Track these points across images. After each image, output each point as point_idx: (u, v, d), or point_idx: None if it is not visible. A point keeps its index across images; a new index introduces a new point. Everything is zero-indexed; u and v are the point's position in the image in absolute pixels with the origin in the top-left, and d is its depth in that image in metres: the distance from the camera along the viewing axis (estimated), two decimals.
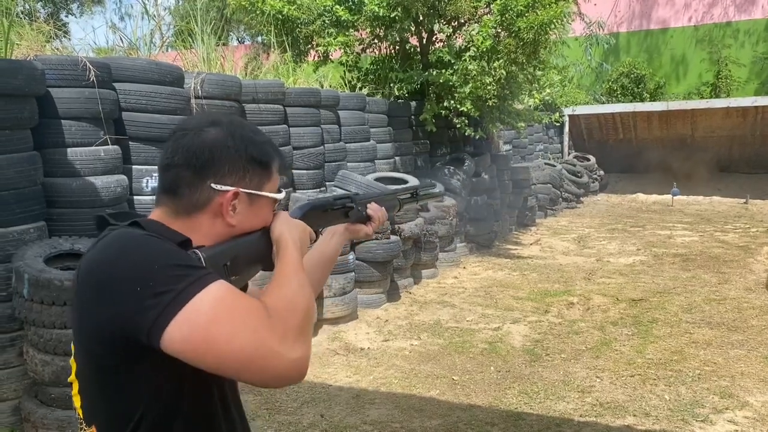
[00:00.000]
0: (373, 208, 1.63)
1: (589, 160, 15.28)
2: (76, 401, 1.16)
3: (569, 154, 15.56)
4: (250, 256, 1.22)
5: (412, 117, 8.43)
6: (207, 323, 0.98)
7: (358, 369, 4.71)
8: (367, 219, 1.63)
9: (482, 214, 8.87)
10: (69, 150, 4.13)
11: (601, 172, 15.63)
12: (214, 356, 0.99)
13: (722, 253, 8.53)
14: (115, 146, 4.39)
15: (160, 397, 1.08)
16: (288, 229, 1.25)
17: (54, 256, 3.71)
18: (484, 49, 7.20)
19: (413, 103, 8.39)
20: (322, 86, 7.32)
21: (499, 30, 7.19)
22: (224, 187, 1.16)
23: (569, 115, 15.41)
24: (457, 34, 8.16)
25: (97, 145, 4.24)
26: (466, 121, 8.18)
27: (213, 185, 1.15)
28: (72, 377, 1.17)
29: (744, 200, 13.50)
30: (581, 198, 14.12)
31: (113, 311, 1.01)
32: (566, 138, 15.68)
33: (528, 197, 11.06)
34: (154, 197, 4.56)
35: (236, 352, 0.98)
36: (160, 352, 0.99)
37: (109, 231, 1.12)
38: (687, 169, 14.69)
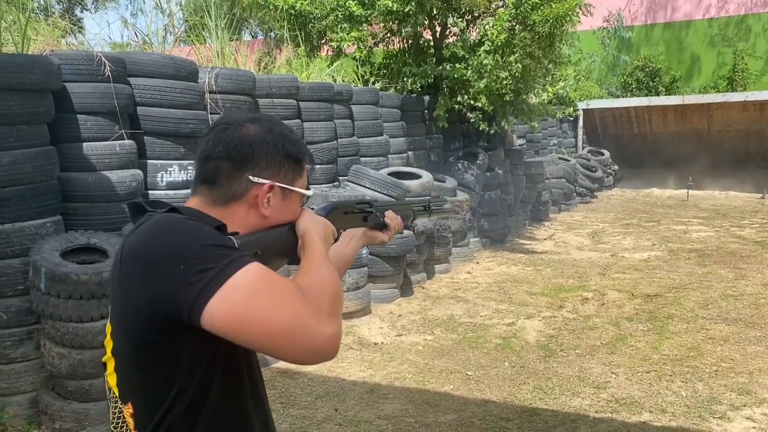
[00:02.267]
0: (390, 216, 1.67)
1: (603, 154, 15.16)
2: (111, 380, 1.19)
3: (583, 148, 15.46)
4: (278, 248, 1.27)
5: (426, 111, 8.40)
6: (246, 299, 1.02)
7: (372, 363, 4.71)
8: (384, 226, 1.66)
9: (496, 209, 8.83)
10: (85, 144, 4.16)
11: (616, 167, 15.51)
12: (252, 331, 1.02)
13: (739, 248, 8.44)
14: (131, 141, 4.41)
15: (195, 375, 1.11)
16: (313, 225, 1.30)
17: (70, 250, 3.74)
18: (499, 43, 7.15)
19: (426, 98, 8.36)
20: (335, 81, 7.30)
21: (514, 23, 7.13)
22: (261, 180, 1.22)
23: (583, 110, 15.30)
24: (471, 28, 8.11)
25: (112, 140, 4.26)
26: (480, 116, 8.14)
27: (251, 177, 1.21)
28: (108, 356, 1.19)
29: (761, 195, 13.36)
30: (595, 193, 14.02)
31: (157, 289, 1.04)
32: (580, 132, 15.57)
33: (542, 192, 11.00)
34: (168, 192, 4.59)
35: (274, 327, 1.02)
36: (200, 329, 1.03)
37: (149, 216, 1.16)
38: (703, 164, 14.54)
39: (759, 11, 16.56)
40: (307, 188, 1.33)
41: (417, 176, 6.86)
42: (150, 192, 4.68)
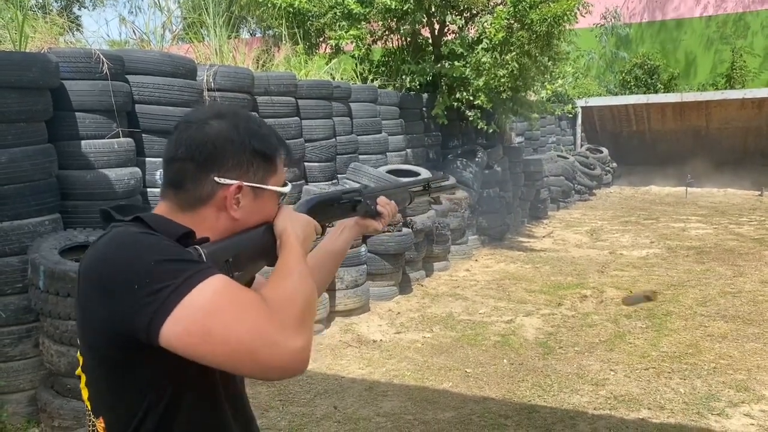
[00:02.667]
0: (382, 203, 1.59)
1: (601, 152, 15.16)
2: (84, 393, 1.16)
3: (582, 146, 15.45)
4: (253, 252, 1.20)
5: (424, 109, 8.39)
6: (204, 317, 0.97)
7: (371, 361, 4.71)
8: (376, 213, 1.58)
9: (494, 207, 8.83)
10: (83, 142, 4.15)
11: (614, 164, 15.52)
12: (212, 351, 0.98)
13: (737, 245, 8.45)
14: (129, 139, 4.40)
15: (165, 390, 1.08)
16: (291, 224, 1.23)
17: (69, 248, 3.73)
18: (497, 42, 7.14)
19: (425, 96, 8.36)
20: (333, 78, 7.30)
21: (512, 22, 7.12)
22: (228, 181, 1.15)
23: (582, 107, 15.29)
24: (469, 26, 8.11)
25: (110, 138, 4.26)
26: (479, 114, 8.13)
27: (216, 179, 1.14)
28: (79, 371, 1.16)
29: (759, 192, 13.37)
30: (594, 190, 14.03)
31: (112, 309, 1.01)
32: (579, 130, 15.56)
33: (540, 190, 11.00)
34: None
35: (234, 345, 0.98)
36: (160, 348, 0.99)
37: (112, 228, 1.11)
38: (701, 161, 14.55)
39: (757, 8, 16.56)
40: (284, 184, 1.26)
41: (416, 174, 6.86)
42: (149, 190, 4.68)
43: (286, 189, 1.26)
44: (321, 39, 8.37)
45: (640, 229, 9.96)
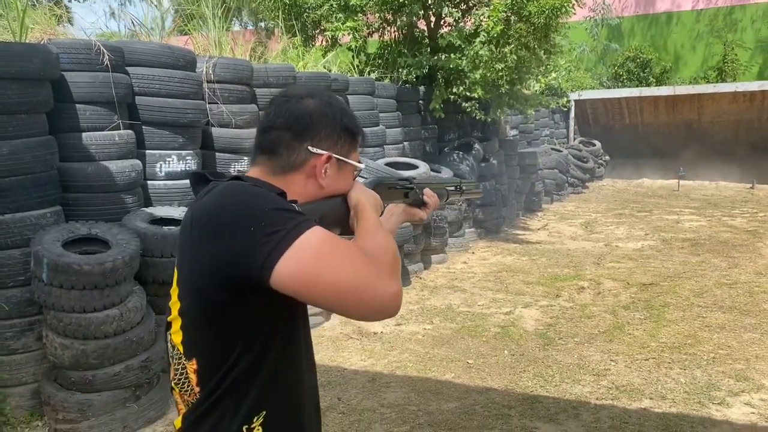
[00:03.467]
0: (428, 194, 1.68)
1: (594, 145, 15.21)
2: (176, 338, 1.23)
3: (575, 139, 15.50)
4: (333, 218, 1.32)
5: (421, 102, 8.39)
6: (314, 259, 1.07)
7: (373, 353, 4.72)
8: (422, 203, 1.67)
9: (490, 200, 8.85)
10: (84, 134, 4.13)
11: (607, 157, 15.58)
12: (321, 290, 1.08)
13: (731, 237, 8.53)
14: (129, 131, 4.38)
15: (258, 337, 1.17)
16: (365, 196, 1.36)
17: (71, 240, 3.71)
18: (495, 34, 7.14)
19: (422, 88, 8.35)
20: (330, 71, 7.28)
21: (509, 14, 7.12)
22: (319, 151, 1.27)
23: (575, 100, 15.34)
24: (466, 18, 8.10)
25: (110, 130, 4.23)
26: (477, 105, 8.14)
27: (310, 148, 1.27)
28: (173, 316, 1.23)
29: (750, 185, 13.47)
30: (587, 183, 14.09)
31: (230, 249, 1.09)
32: (572, 123, 15.61)
33: (535, 182, 11.04)
34: (167, 182, 4.57)
35: (341, 286, 1.08)
36: (267, 292, 1.08)
37: (215, 184, 1.20)
38: (693, 154, 14.64)
39: (747, 2, 16.65)
40: (359, 161, 1.37)
41: (414, 166, 6.86)
42: (149, 182, 4.65)
43: (362, 165, 1.39)
44: (317, 31, 8.33)
45: (634, 221, 10.02)
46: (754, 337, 4.81)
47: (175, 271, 1.24)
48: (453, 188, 1.89)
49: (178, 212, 4.46)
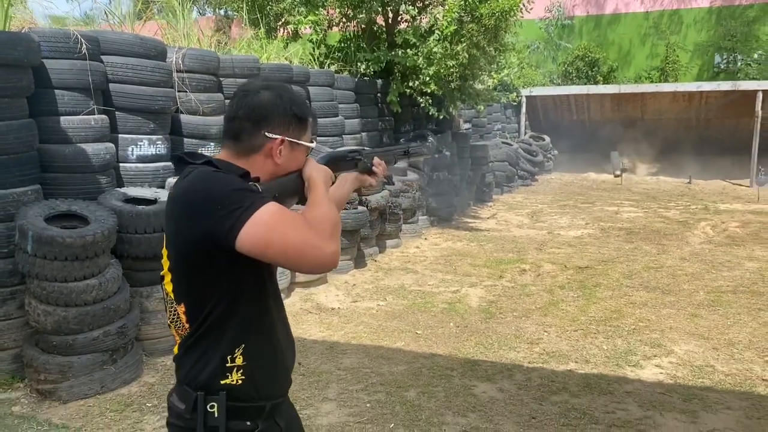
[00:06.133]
0: (376, 162, 1.99)
1: (544, 139, 15.89)
2: (168, 287, 1.57)
3: (525, 133, 16.15)
4: (289, 191, 1.64)
5: (378, 94, 8.80)
6: (268, 227, 1.40)
7: (330, 325, 5.13)
8: (371, 171, 1.98)
9: (443, 189, 9.34)
10: (62, 118, 4.41)
11: (555, 152, 16.28)
12: (274, 250, 1.41)
13: (663, 227, 9.21)
14: (104, 116, 4.67)
15: (233, 284, 1.50)
16: (316, 171, 1.66)
17: (52, 216, 4.01)
18: (448, 33, 7.60)
19: (379, 81, 8.76)
20: (291, 63, 7.62)
21: (462, 15, 7.59)
22: (274, 135, 1.56)
23: (526, 96, 15.97)
24: (422, 15, 8.53)
25: (86, 114, 4.52)
26: (430, 101, 8.60)
27: (266, 134, 1.56)
28: (165, 271, 1.57)
29: (688, 180, 14.32)
30: (536, 176, 14.75)
31: (201, 223, 1.42)
32: (523, 118, 16.25)
33: (486, 174, 11.58)
34: (138, 165, 4.89)
35: (290, 247, 1.42)
36: (233, 252, 1.41)
37: (192, 169, 1.52)
38: (636, 150, 15.45)
39: (690, 6, 17.56)
40: (311, 141, 1.66)
41: None
42: (121, 165, 4.95)
43: (313, 145, 1.68)
44: (279, 23, 8.64)
45: (576, 212, 10.66)
46: (671, 312, 5.39)
47: (164, 235, 1.59)
48: (402, 153, 2.20)
49: (149, 193, 4.78)
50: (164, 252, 1.57)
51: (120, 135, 4.93)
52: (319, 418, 3.60)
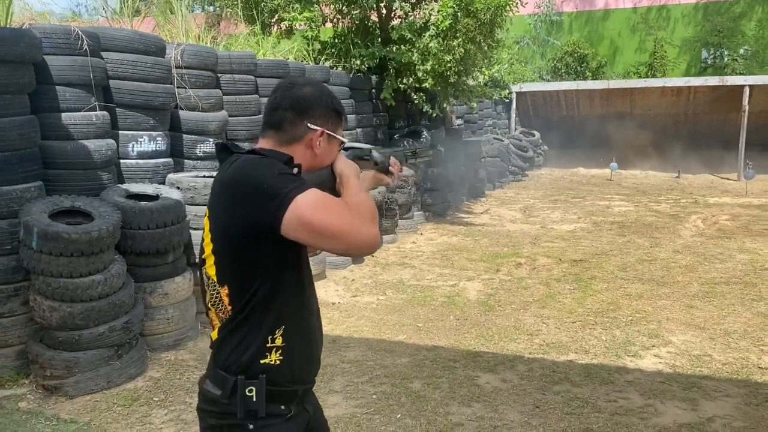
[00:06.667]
0: (393, 162, 2.04)
1: (534, 135, 15.98)
2: (210, 270, 1.60)
3: (516, 129, 16.24)
4: (323, 184, 1.69)
5: (373, 91, 8.84)
6: (312, 210, 1.45)
7: (332, 320, 5.17)
8: (388, 171, 2.02)
9: (438, 185, 9.40)
10: (63, 115, 4.41)
11: (545, 147, 16.38)
12: (318, 233, 1.47)
13: (655, 221, 9.32)
14: (104, 112, 4.67)
15: (275, 267, 1.55)
16: (347, 167, 1.73)
17: (56, 212, 4.01)
18: (444, 29, 7.64)
19: (374, 78, 8.79)
20: (287, 59, 7.63)
21: (457, 10, 7.63)
22: (315, 127, 1.64)
23: (517, 93, 16.06)
24: (415, 11, 8.57)
25: (87, 111, 4.52)
26: (424, 97, 8.64)
27: (309, 124, 1.63)
28: (207, 254, 1.61)
29: (676, 174, 14.47)
30: (527, 171, 14.84)
31: (247, 206, 1.48)
32: (513, 114, 16.34)
33: (478, 170, 11.65)
34: (139, 161, 4.90)
35: (334, 229, 1.48)
36: (278, 235, 1.46)
37: (237, 157, 1.58)
38: (625, 145, 15.58)
39: (676, 2, 17.72)
40: (344, 137, 1.75)
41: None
42: (122, 161, 4.95)
43: (347, 140, 1.76)
44: (274, 20, 8.65)
45: (568, 206, 10.75)
46: (666, 303, 5.48)
47: (206, 222, 1.63)
48: (410, 154, 2.32)
49: (151, 189, 4.79)
50: (205, 236, 1.62)
51: (120, 131, 4.93)
52: (326, 410, 3.59)
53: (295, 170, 1.58)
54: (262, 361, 1.56)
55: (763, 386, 3.89)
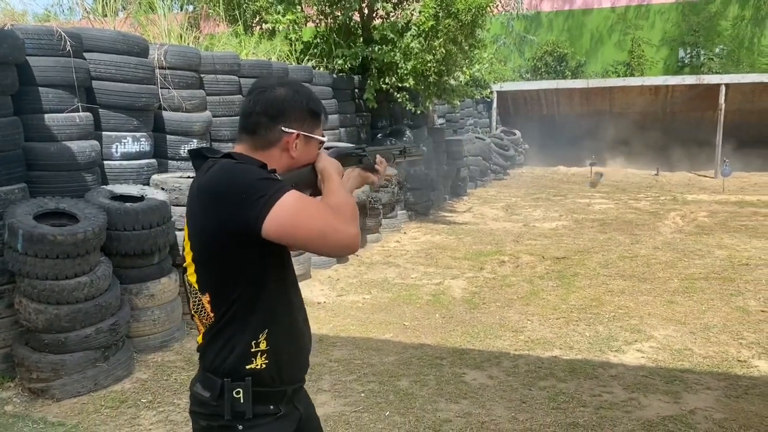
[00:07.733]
0: (378, 160, 2.00)
1: (515, 134, 16.10)
2: (191, 278, 1.59)
3: (497, 128, 16.35)
4: (305, 183, 1.69)
5: (356, 90, 8.86)
6: (293, 213, 1.45)
7: (318, 319, 5.18)
8: (374, 168, 1.97)
9: (421, 184, 9.44)
10: (46, 116, 4.38)
11: (526, 146, 16.51)
12: (299, 235, 1.47)
13: (635, 218, 9.46)
14: (88, 113, 4.65)
15: (255, 273, 1.54)
16: (329, 164, 1.71)
17: (41, 214, 3.99)
18: (425, 29, 7.69)
19: (357, 77, 8.81)
20: (270, 59, 7.63)
21: (439, 10, 7.68)
22: (290, 130, 1.61)
23: (497, 92, 16.17)
24: (397, 11, 8.60)
25: (70, 112, 4.49)
26: (407, 96, 8.68)
27: (283, 128, 1.60)
28: (188, 262, 1.60)
29: (655, 172, 14.67)
30: (508, 170, 14.96)
31: (228, 212, 1.47)
32: (494, 113, 16.46)
33: (461, 168, 11.72)
34: (122, 162, 4.87)
35: (314, 231, 1.48)
36: (259, 239, 1.46)
37: (213, 162, 1.55)
38: (605, 143, 15.75)
39: (653, 1, 17.94)
40: (323, 136, 1.71)
41: None
42: (105, 162, 4.93)
43: (325, 139, 1.73)
44: (256, 21, 8.63)
45: (550, 204, 10.86)
46: (648, 299, 5.57)
47: (185, 228, 1.62)
48: (398, 152, 2.21)
49: (136, 190, 4.77)
50: (185, 244, 1.61)
51: (104, 132, 4.91)
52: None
53: (276, 174, 1.56)
54: (247, 367, 1.56)
55: (743, 378, 3.99)
